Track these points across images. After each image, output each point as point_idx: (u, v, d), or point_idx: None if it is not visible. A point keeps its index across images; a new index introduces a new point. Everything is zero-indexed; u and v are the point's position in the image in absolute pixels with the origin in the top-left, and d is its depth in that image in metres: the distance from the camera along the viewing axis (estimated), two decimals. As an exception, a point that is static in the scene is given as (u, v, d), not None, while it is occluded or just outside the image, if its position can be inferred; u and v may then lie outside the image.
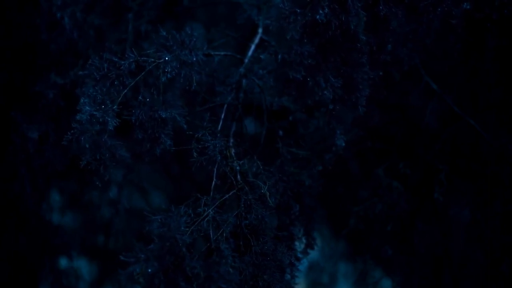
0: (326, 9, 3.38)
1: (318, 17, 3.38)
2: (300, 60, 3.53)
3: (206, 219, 3.41)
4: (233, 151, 3.71)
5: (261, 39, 4.12)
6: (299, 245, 4.10)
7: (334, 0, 3.40)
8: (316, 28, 3.46)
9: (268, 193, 3.53)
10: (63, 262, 5.05)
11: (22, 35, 4.38)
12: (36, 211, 4.70)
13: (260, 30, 4.14)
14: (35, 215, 4.70)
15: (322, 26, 3.43)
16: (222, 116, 3.83)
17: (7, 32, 4.40)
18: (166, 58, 3.52)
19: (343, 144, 3.93)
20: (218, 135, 3.64)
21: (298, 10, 3.44)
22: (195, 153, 3.58)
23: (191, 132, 3.58)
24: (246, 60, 4.04)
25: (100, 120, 3.35)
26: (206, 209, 3.44)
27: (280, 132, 4.07)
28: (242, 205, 3.51)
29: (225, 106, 3.88)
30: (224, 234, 3.38)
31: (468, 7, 3.59)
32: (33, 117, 4.38)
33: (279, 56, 3.82)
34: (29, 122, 4.36)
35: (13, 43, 4.41)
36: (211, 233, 3.38)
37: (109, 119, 3.36)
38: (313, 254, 4.29)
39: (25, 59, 4.43)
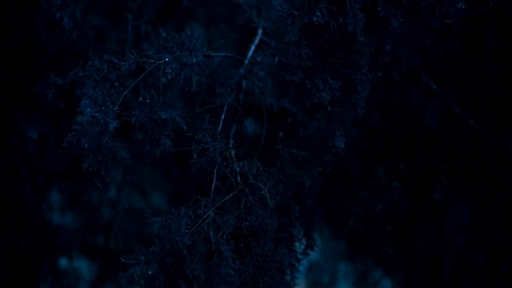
0: (324, 11, 3.38)
1: (315, 19, 3.38)
2: (298, 62, 3.52)
3: (207, 220, 3.41)
4: (233, 152, 3.70)
5: (261, 40, 4.12)
6: (299, 246, 4.10)
7: (332, 2, 3.40)
8: (314, 30, 3.45)
9: (268, 195, 3.53)
10: (63, 262, 5.05)
11: (22, 35, 4.37)
12: (36, 211, 4.69)
13: (259, 31, 4.14)
14: (35, 215, 4.70)
15: (320, 28, 3.43)
16: (222, 117, 3.83)
17: (7, 32, 4.39)
18: (166, 59, 3.52)
19: (343, 146, 3.92)
20: (218, 136, 3.64)
21: (296, 12, 3.44)
22: (195, 155, 3.57)
23: (191, 134, 3.58)
24: (246, 61, 4.03)
25: (101, 121, 3.35)
26: (206, 210, 3.44)
27: (280, 134, 4.07)
28: (242, 207, 3.51)
29: (225, 107, 3.88)
30: (225, 236, 3.38)
31: (463, 7, 3.59)
32: (32, 117, 4.37)
33: (276, 59, 3.82)
34: (29, 122, 4.36)
35: (13, 43, 4.40)
36: (211, 235, 3.38)
37: (109, 120, 3.36)
38: (313, 254, 4.29)
39: (25, 59, 4.42)
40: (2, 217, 4.70)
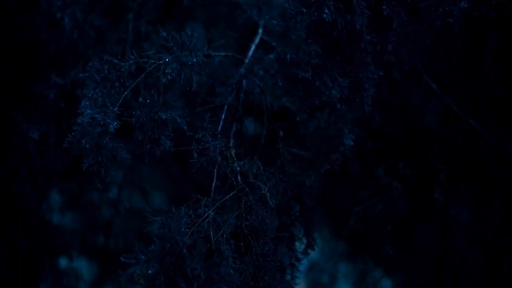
0: (332, 8, 3.38)
1: (324, 16, 3.38)
2: (308, 59, 3.53)
3: (207, 220, 3.40)
4: (233, 152, 3.70)
5: (261, 39, 4.12)
6: (300, 246, 4.10)
7: (339, 0, 3.41)
8: (321, 27, 3.46)
9: (268, 194, 3.53)
10: (63, 262, 5.05)
11: (22, 35, 4.37)
12: (36, 211, 4.69)
13: (260, 31, 4.14)
14: (35, 215, 4.70)
15: (328, 25, 3.43)
16: (223, 117, 3.83)
17: (7, 32, 4.39)
18: (167, 60, 3.52)
19: (352, 143, 3.94)
20: (219, 136, 3.64)
21: (304, 10, 3.44)
22: (195, 154, 3.57)
23: (191, 133, 3.58)
24: (247, 61, 4.03)
25: (102, 122, 3.35)
26: (206, 210, 3.43)
27: (281, 133, 4.07)
28: (243, 206, 3.51)
29: (226, 106, 3.88)
30: (225, 235, 3.38)
31: (465, 5, 3.59)
32: (33, 117, 4.37)
33: (288, 56, 3.82)
34: (29, 122, 4.36)
35: (13, 43, 4.40)
36: (211, 234, 3.37)
37: (110, 121, 3.36)
38: (313, 254, 4.29)
39: (25, 59, 4.42)
40: (2, 217, 4.70)
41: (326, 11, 3.38)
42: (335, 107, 3.65)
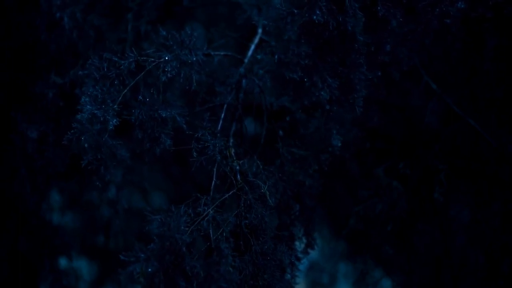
0: (324, 10, 3.38)
1: (315, 17, 3.38)
2: (297, 60, 3.52)
3: (206, 218, 3.41)
4: (233, 151, 3.70)
5: (261, 39, 4.12)
6: (300, 245, 4.10)
7: (332, 1, 3.40)
8: (314, 28, 3.45)
9: (268, 193, 3.53)
10: (63, 262, 5.05)
11: (22, 35, 4.37)
12: (36, 211, 4.69)
13: (259, 30, 4.14)
14: (35, 215, 4.70)
15: (320, 26, 3.43)
16: (222, 116, 3.83)
17: (7, 32, 4.39)
18: (166, 58, 3.52)
19: (339, 144, 3.93)
20: (218, 135, 3.64)
21: (296, 11, 3.44)
22: (195, 153, 3.57)
23: (191, 132, 3.58)
24: (246, 61, 4.04)
25: (101, 119, 3.35)
26: (206, 208, 3.44)
27: (280, 132, 4.07)
28: (242, 205, 3.51)
29: (225, 106, 3.88)
30: (224, 234, 3.38)
31: (462, 6, 3.59)
32: (32, 117, 4.37)
33: (276, 56, 3.82)
34: (29, 122, 4.36)
35: (13, 43, 4.40)
36: (211, 233, 3.38)
37: (109, 118, 3.36)
38: (313, 254, 4.29)
39: (25, 59, 4.42)
40: (2, 217, 4.70)
41: (318, 12, 3.37)
42: (324, 108, 3.65)
